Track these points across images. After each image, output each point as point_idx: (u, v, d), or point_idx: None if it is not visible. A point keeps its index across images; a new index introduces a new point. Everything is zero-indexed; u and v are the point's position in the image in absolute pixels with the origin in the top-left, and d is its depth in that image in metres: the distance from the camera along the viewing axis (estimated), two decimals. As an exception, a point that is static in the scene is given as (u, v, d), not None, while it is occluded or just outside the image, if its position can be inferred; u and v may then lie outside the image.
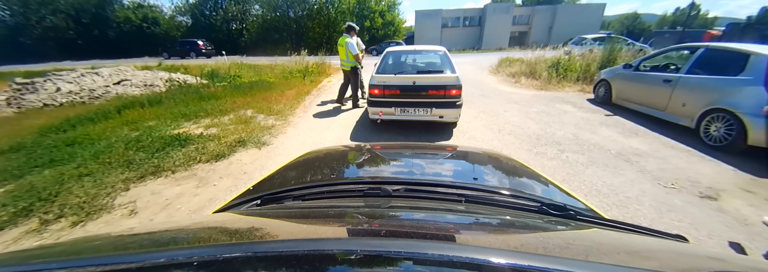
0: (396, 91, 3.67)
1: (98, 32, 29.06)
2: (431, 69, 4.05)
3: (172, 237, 0.55)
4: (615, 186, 2.46)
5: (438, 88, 3.58)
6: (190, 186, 2.60)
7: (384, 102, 3.73)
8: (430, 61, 4.53)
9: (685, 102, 3.74)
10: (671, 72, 4.24)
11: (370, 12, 29.45)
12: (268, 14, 29.45)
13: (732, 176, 2.65)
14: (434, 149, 1.66)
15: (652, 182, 2.55)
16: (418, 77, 3.65)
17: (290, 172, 1.21)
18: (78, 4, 28.46)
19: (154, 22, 29.31)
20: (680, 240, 0.65)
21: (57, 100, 7.71)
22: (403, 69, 4.21)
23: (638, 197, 2.29)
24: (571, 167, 2.82)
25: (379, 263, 0.34)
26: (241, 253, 0.36)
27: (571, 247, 0.52)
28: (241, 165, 3.00)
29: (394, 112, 3.72)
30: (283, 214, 0.71)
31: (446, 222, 0.65)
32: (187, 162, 3.01)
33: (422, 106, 3.63)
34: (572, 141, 3.56)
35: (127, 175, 2.80)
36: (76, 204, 2.37)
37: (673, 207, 2.19)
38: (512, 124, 4.28)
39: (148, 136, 3.86)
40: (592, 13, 29.15)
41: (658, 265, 0.45)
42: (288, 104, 5.81)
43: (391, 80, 3.67)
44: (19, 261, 0.42)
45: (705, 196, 2.35)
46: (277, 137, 3.93)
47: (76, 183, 2.72)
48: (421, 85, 3.60)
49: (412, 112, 3.67)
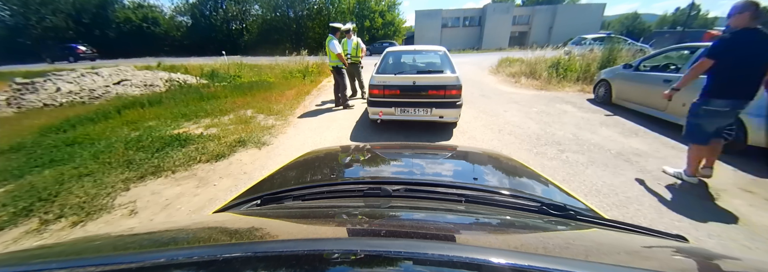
0: (396, 91, 3.65)
1: (99, 32, 29.08)
2: (431, 69, 4.01)
3: (172, 237, 0.55)
4: (615, 186, 2.46)
5: (438, 88, 3.57)
6: (190, 186, 2.60)
7: (384, 102, 3.71)
8: (430, 61, 4.52)
9: (685, 102, 3.73)
10: (671, 72, 4.24)
11: (370, 12, 29.46)
12: (268, 14, 29.48)
13: (732, 176, 2.65)
14: (434, 149, 1.66)
15: (652, 182, 2.55)
16: (418, 77, 3.64)
17: (290, 172, 1.21)
18: (79, 4, 28.46)
19: (154, 22, 29.32)
20: (680, 241, 0.65)
21: (57, 100, 7.71)
22: (403, 69, 4.18)
23: (638, 197, 2.30)
24: (571, 167, 2.82)
25: (379, 263, 0.34)
26: (241, 253, 0.36)
27: (571, 247, 0.52)
28: (241, 166, 3.00)
29: (394, 112, 3.70)
30: (283, 214, 0.71)
31: (446, 222, 0.65)
32: (187, 162, 3.01)
33: (422, 106, 3.60)
34: (572, 141, 3.56)
35: (127, 175, 2.80)
36: (76, 204, 2.36)
37: (673, 207, 2.19)
38: (512, 124, 4.28)
39: (148, 136, 3.86)
40: (592, 13, 29.15)
41: (658, 265, 0.45)
42: (288, 104, 5.81)
43: (391, 80, 3.65)
44: (19, 261, 0.42)
45: (705, 196, 2.35)
46: (277, 137, 3.93)
47: (76, 183, 2.72)
48: (421, 85, 3.58)
49: (412, 112, 3.65)
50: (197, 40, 28.37)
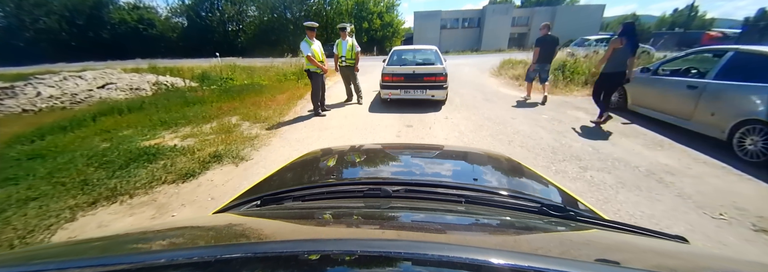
0: (401, 78, 4.96)
1: (93, 34, 28.68)
2: (425, 62, 5.33)
3: (172, 237, 0.55)
4: (656, 217, 2.06)
5: (430, 75, 4.88)
6: (144, 216, 2.18)
7: (393, 86, 5.02)
8: (425, 56, 5.67)
9: (714, 111, 3.34)
10: (695, 76, 3.85)
11: (368, 13, 29.10)
12: (266, 15, 29.08)
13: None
14: (434, 149, 1.63)
15: (697, 211, 2.15)
16: (416, 68, 4.96)
17: (290, 173, 1.21)
18: (72, 5, 28.08)
19: (149, 24, 28.93)
20: (680, 241, 0.65)
21: (37, 105, 7.29)
22: (405, 62, 5.52)
23: (688, 233, 1.89)
24: (599, 190, 2.41)
25: (379, 263, 0.34)
26: (241, 254, 0.35)
27: (571, 248, 0.52)
28: (210, 188, 2.58)
29: (399, 93, 5.03)
30: (283, 215, 0.71)
31: (446, 222, 0.65)
32: (149, 184, 2.60)
33: (419, 88, 4.93)
34: (593, 155, 3.16)
35: (78, 200, 2.38)
36: (6, 241, 1.96)
37: (730, 246, 1.80)
38: (523, 134, 3.88)
39: (116, 148, 3.45)
40: (592, 14, 28.87)
41: (658, 265, 0.45)
42: (278, 110, 5.41)
43: (397, 70, 5.02)
44: (19, 261, 0.42)
45: (759, 229, 1.96)
46: (259, 150, 3.51)
47: (19, 209, 2.32)
48: (418, 73, 4.89)
49: (412, 92, 4.99)
50: (193, 42, 27.91)
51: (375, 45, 28.74)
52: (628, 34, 3.84)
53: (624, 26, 3.95)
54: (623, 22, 4.02)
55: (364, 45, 29.29)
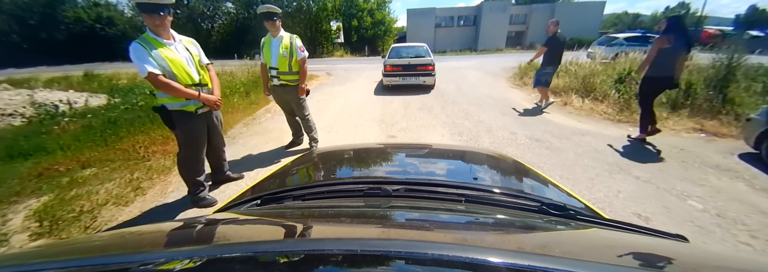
0: (399, 68, 6.60)
1: (46, 35, 25.46)
2: (418, 55, 7.07)
3: (172, 236, 0.55)
4: None
5: (422, 65, 6.61)
6: None
7: (393, 74, 6.65)
8: (417, 52, 7.34)
9: None
10: None
11: (358, 10, 26.56)
12: (242, 13, 26.25)
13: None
14: (434, 148, 1.59)
15: None
16: (411, 60, 6.72)
17: (290, 172, 1.24)
18: (24, 4, 24.83)
19: (108, 23, 25.77)
20: (681, 240, 0.64)
21: None
22: (402, 55, 7.18)
23: None
24: None
25: (379, 263, 0.34)
26: (241, 253, 0.35)
27: (572, 247, 0.52)
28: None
29: (398, 80, 6.66)
30: (283, 214, 0.71)
31: (446, 222, 0.65)
32: None
33: (413, 75, 6.61)
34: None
35: None
36: None
37: None
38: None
39: None
40: (592, 12, 27.11)
41: (658, 265, 0.44)
42: (132, 184, 2.78)
43: (396, 62, 6.70)
44: (19, 261, 0.42)
45: None
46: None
47: None
48: (412, 64, 6.62)
49: (408, 79, 6.63)
50: (160, 42, 24.89)
51: (366, 44, 26.27)
52: (675, 30, 3.12)
53: (668, 21, 3.20)
54: (667, 17, 3.29)
55: (354, 44, 27.20)
